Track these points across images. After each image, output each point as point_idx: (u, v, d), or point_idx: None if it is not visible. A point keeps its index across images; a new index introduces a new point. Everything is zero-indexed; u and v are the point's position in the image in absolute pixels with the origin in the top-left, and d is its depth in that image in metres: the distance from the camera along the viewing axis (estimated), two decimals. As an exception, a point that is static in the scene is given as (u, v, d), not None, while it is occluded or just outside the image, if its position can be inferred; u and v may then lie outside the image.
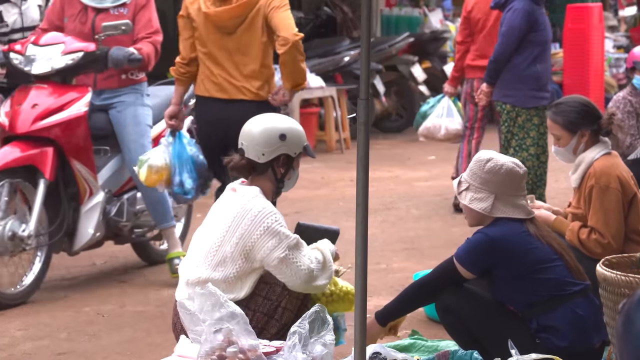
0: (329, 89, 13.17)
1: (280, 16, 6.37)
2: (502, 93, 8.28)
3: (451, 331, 5.00)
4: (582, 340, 4.74)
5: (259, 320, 4.90)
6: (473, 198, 4.87)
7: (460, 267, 4.83)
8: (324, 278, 4.96)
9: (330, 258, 5.03)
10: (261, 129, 5.02)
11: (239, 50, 6.43)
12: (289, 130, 5.04)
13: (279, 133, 5.00)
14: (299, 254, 4.88)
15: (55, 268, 7.34)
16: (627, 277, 4.39)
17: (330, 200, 9.86)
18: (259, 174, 5.04)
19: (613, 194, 5.39)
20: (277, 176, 5.05)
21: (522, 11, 8.14)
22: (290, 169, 5.08)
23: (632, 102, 7.90)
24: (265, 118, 5.13)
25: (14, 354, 5.58)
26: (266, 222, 4.85)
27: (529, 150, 8.18)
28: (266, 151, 5.00)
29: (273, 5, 6.38)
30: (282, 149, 5.02)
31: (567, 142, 5.56)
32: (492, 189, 4.84)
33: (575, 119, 5.53)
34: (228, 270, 4.86)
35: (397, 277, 6.92)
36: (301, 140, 5.08)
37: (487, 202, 4.83)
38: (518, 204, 4.86)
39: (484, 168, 4.86)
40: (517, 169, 4.86)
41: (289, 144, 5.02)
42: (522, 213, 4.86)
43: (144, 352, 5.57)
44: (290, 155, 5.04)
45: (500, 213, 4.84)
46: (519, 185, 4.88)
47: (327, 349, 4.50)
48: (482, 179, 4.86)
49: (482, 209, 4.83)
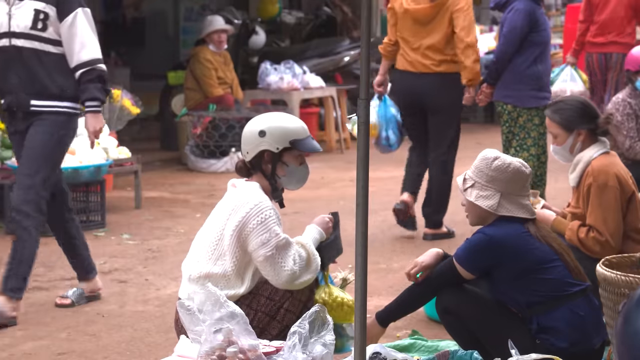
0: (329, 89, 13.17)
1: (461, 17, 8.02)
2: (502, 93, 8.27)
3: (451, 331, 5.00)
4: (582, 340, 4.74)
5: (261, 320, 4.90)
6: (479, 195, 4.86)
7: (460, 268, 4.83)
8: (308, 273, 4.98)
9: (314, 251, 5.02)
10: (246, 127, 5.08)
11: (428, 37, 8.12)
12: (269, 126, 5.01)
13: (258, 130, 5.01)
14: (286, 254, 4.90)
15: (56, 268, 7.34)
16: (627, 277, 4.39)
17: (330, 200, 9.85)
18: (254, 173, 5.07)
19: (611, 191, 5.40)
20: (265, 173, 5.06)
21: (523, 11, 8.14)
22: (277, 164, 5.04)
23: (631, 104, 7.88)
24: (258, 117, 5.14)
25: (14, 354, 5.58)
26: (261, 215, 4.88)
27: (529, 150, 8.18)
28: (249, 149, 5.03)
29: (458, 7, 8.02)
30: (263, 145, 5.01)
31: (563, 141, 5.58)
32: (498, 187, 4.84)
33: (572, 117, 5.55)
34: (227, 264, 4.89)
35: (397, 277, 6.92)
36: (284, 135, 5.02)
37: (493, 199, 4.84)
38: (523, 203, 4.86)
39: (491, 166, 4.86)
40: (523, 168, 4.87)
41: (269, 140, 5.00)
42: (527, 213, 4.86)
43: (144, 352, 5.58)
44: (272, 151, 5.03)
45: (505, 211, 4.84)
46: (524, 185, 4.89)
47: (327, 349, 4.50)
48: (489, 177, 4.86)
49: (489, 207, 4.83)
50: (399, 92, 8.38)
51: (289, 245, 4.93)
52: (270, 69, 12.70)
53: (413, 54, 8.19)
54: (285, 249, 4.90)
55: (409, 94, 8.22)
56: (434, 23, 8.10)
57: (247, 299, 4.91)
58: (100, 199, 8.75)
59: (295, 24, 16.47)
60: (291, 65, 12.79)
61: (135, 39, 16.67)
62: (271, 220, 4.89)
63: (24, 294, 6.15)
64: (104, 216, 8.76)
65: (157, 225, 8.81)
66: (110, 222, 8.80)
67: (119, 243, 8.16)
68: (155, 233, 8.51)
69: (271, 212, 4.91)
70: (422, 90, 8.11)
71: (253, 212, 4.88)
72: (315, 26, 16.16)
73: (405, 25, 8.22)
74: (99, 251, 7.84)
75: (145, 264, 7.52)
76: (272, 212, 4.91)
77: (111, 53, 14.72)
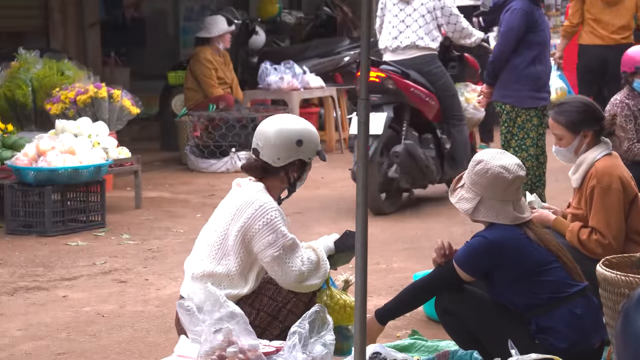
0: (329, 89, 13.16)
1: None
2: (501, 93, 8.27)
3: (450, 331, 5.00)
4: (581, 340, 4.74)
5: (263, 320, 4.91)
6: (461, 197, 4.87)
7: (460, 270, 4.83)
8: (317, 278, 4.97)
9: (325, 257, 5.02)
10: (278, 133, 4.98)
11: (616, 16, 10.50)
12: (306, 136, 5.01)
13: (296, 139, 4.97)
14: (293, 255, 4.89)
15: (56, 268, 7.35)
16: (627, 277, 4.39)
17: (330, 200, 9.85)
18: (271, 175, 5.04)
19: (615, 194, 5.38)
20: (290, 180, 5.06)
21: (520, 11, 8.14)
22: (303, 173, 5.08)
23: (629, 106, 7.86)
24: (281, 121, 5.07)
25: (14, 354, 5.58)
26: (267, 216, 4.87)
27: (528, 150, 8.18)
28: (282, 156, 4.98)
29: None
30: (299, 154, 5.00)
31: (569, 143, 5.54)
32: (479, 191, 4.83)
33: (577, 119, 5.51)
34: (231, 264, 4.89)
35: (397, 277, 6.92)
36: (316, 146, 5.06)
37: (471, 203, 4.82)
38: (503, 209, 4.79)
39: (474, 169, 4.85)
40: (504, 174, 4.78)
41: (305, 150, 5.01)
42: (506, 219, 4.79)
43: (144, 352, 5.58)
44: (304, 160, 5.04)
45: (481, 216, 4.82)
46: (505, 191, 4.80)
47: (327, 349, 4.51)
48: (472, 180, 4.86)
49: (464, 210, 4.83)
50: (585, 62, 10.68)
51: (296, 245, 4.92)
52: (270, 69, 12.69)
53: (602, 31, 10.48)
54: (293, 250, 4.90)
55: (596, 62, 10.45)
56: (620, 5, 10.46)
57: (249, 298, 4.91)
58: (100, 199, 8.75)
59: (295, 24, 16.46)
60: (291, 65, 12.77)
61: (135, 39, 16.65)
62: (277, 220, 4.88)
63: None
64: (104, 216, 8.76)
65: (157, 225, 8.80)
66: (110, 222, 8.80)
67: (119, 243, 8.16)
68: (155, 233, 8.51)
69: (276, 213, 4.90)
70: (611, 58, 9.92)
71: (258, 213, 4.87)
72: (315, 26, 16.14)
73: (595, 6, 10.54)
74: (99, 251, 7.84)
75: (145, 264, 7.51)
76: (277, 213, 4.90)
77: (111, 53, 14.72)
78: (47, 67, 10.08)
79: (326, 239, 5.17)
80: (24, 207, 8.50)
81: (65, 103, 9.67)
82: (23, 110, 9.97)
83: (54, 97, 9.73)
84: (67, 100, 9.67)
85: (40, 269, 7.31)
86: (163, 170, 11.83)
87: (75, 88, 9.75)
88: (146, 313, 6.29)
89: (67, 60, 10.60)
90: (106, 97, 9.75)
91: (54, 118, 9.50)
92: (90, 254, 7.72)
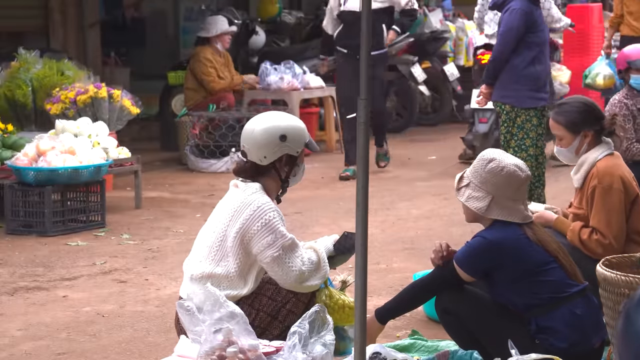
0: (329, 89, 13.15)
1: None
2: (500, 94, 8.27)
3: (450, 331, 5.00)
4: (581, 340, 4.74)
5: (262, 320, 4.90)
6: (471, 196, 4.85)
7: (460, 270, 4.83)
8: (317, 279, 4.97)
9: (325, 258, 5.02)
10: (261, 131, 4.98)
11: None
12: (289, 130, 5.01)
13: (279, 134, 4.97)
14: (293, 254, 4.89)
15: (56, 268, 7.34)
16: (627, 277, 4.39)
17: (330, 200, 9.85)
18: (263, 175, 5.04)
19: (616, 194, 5.38)
20: (281, 176, 5.05)
21: (519, 12, 8.14)
22: (294, 167, 5.07)
23: (628, 105, 7.85)
24: (265, 119, 5.07)
25: (14, 354, 5.58)
26: (265, 217, 4.86)
27: (528, 151, 8.17)
28: (268, 153, 4.98)
29: None
30: (284, 149, 4.99)
31: (569, 143, 5.54)
32: (490, 190, 4.82)
33: (577, 119, 5.51)
34: (230, 265, 4.88)
35: (397, 277, 6.92)
36: (302, 137, 5.04)
37: (483, 202, 4.82)
38: (515, 208, 4.82)
39: (486, 168, 4.84)
40: (518, 172, 4.82)
41: (290, 144, 5.00)
42: (518, 218, 4.82)
43: (144, 352, 5.57)
44: (292, 155, 5.04)
45: (495, 215, 4.81)
46: (518, 190, 4.83)
47: (327, 349, 4.51)
48: (482, 178, 4.84)
49: (478, 209, 4.82)
50: None
51: (296, 245, 4.92)
52: (270, 69, 12.69)
53: (635, 22, 11.38)
54: (292, 250, 4.89)
55: None
56: None
57: (249, 298, 4.90)
58: (100, 199, 8.75)
59: (295, 24, 16.46)
60: (291, 65, 12.77)
61: (135, 39, 16.66)
62: (275, 221, 4.88)
63: None
64: (104, 216, 8.76)
65: (157, 225, 8.80)
66: (110, 222, 8.80)
67: (119, 243, 8.16)
68: (155, 233, 8.51)
69: (274, 213, 4.90)
70: None
71: (256, 214, 4.87)
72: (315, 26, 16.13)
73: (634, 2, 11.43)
74: (99, 251, 7.84)
75: (145, 264, 7.51)
76: (275, 214, 4.90)
77: (111, 53, 14.72)
78: (47, 67, 10.09)
79: (326, 239, 5.17)
80: (24, 207, 8.50)
81: (65, 103, 9.67)
82: (23, 110, 9.97)
83: (54, 97, 9.73)
84: (67, 100, 9.67)
85: (40, 269, 7.31)
86: (163, 170, 11.83)
87: (75, 88, 9.75)
88: (146, 313, 6.29)
89: (67, 60, 10.60)
90: (106, 97, 9.75)
91: (54, 118, 9.50)
92: (90, 254, 7.71)
